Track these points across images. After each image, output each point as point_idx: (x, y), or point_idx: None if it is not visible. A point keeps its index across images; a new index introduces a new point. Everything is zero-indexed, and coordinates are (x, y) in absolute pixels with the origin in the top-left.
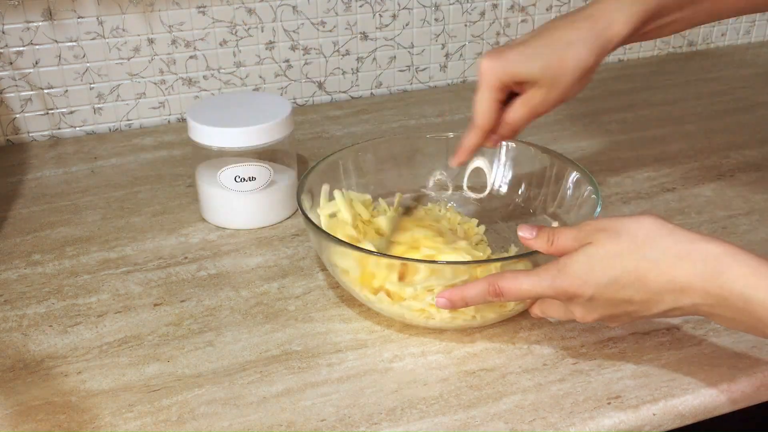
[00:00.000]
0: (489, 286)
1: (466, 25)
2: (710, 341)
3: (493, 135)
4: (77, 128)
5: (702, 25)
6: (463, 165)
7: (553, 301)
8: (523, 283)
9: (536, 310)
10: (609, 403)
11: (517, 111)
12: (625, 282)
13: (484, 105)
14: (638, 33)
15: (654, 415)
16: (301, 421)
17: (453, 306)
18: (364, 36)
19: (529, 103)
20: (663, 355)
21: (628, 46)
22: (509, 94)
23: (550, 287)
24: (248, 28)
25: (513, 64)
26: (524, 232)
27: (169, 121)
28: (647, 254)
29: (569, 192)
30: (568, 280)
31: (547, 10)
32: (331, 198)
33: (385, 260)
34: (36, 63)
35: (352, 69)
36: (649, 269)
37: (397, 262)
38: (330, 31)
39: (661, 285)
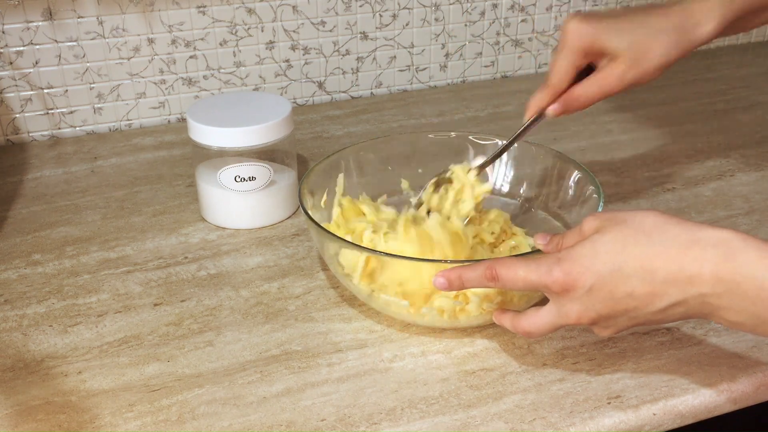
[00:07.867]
0: (486, 270)
1: (466, 25)
2: (710, 341)
3: (556, 104)
4: (77, 128)
5: None
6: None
7: (544, 310)
8: (520, 269)
9: (507, 322)
10: (609, 403)
11: (590, 86)
12: (630, 270)
13: (563, 66)
14: (721, 33)
15: (654, 415)
16: (301, 421)
17: (450, 286)
18: (364, 36)
19: (605, 80)
20: (663, 355)
21: None
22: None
23: (547, 274)
24: (248, 28)
25: (602, 32)
26: (540, 240)
27: (169, 121)
28: (655, 240)
29: (571, 191)
30: (568, 266)
31: (547, 9)
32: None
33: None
34: (36, 63)
35: (352, 69)
36: (657, 256)
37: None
38: (330, 31)
39: (669, 273)
